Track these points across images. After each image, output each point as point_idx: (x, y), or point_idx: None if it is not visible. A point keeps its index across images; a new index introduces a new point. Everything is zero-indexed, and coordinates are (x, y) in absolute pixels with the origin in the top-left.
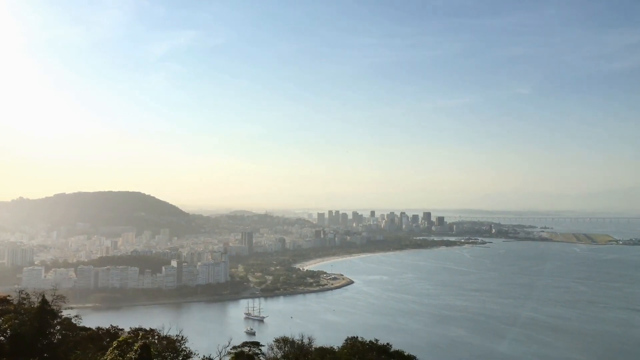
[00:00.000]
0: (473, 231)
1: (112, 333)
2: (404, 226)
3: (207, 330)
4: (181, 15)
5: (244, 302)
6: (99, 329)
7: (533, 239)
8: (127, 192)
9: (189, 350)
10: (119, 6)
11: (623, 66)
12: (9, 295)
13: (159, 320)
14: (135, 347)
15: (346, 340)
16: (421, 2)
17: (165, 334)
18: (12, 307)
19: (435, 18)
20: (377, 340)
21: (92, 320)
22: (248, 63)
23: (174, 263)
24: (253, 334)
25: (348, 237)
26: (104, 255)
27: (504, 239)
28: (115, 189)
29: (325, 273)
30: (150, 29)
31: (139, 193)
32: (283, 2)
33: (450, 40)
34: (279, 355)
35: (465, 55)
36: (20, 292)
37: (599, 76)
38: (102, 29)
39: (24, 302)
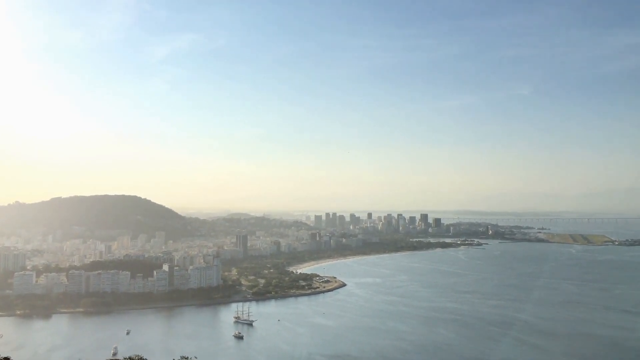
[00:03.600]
0: (470, 232)
1: None
2: (400, 228)
3: (196, 333)
4: (181, 18)
5: (235, 306)
6: None
7: (529, 240)
8: (124, 196)
9: None
10: (120, 10)
11: (622, 67)
12: None
13: (147, 324)
14: None
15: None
16: (420, 4)
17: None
18: None
19: (434, 20)
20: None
21: (84, 324)
22: (247, 66)
23: (165, 267)
24: (241, 337)
25: (344, 240)
26: (97, 259)
27: (500, 240)
28: (111, 193)
29: (318, 276)
30: (151, 32)
31: (135, 197)
32: (282, 5)
33: (449, 42)
34: None
35: (465, 57)
36: None
37: (598, 77)
38: (103, 33)
39: None
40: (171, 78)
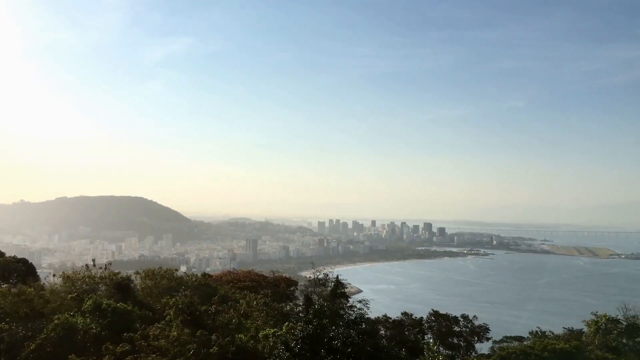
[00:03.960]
0: (474, 242)
1: None
2: (404, 236)
3: None
4: (176, 21)
5: None
6: None
7: (535, 252)
8: (130, 197)
9: None
10: (114, 11)
11: (618, 81)
12: None
13: None
14: None
15: None
16: (416, 14)
17: None
18: None
19: (430, 29)
20: None
21: None
22: (244, 71)
23: (183, 269)
24: None
25: (351, 246)
26: (109, 259)
27: (505, 251)
28: (117, 194)
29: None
30: (145, 34)
31: (141, 198)
32: (279, 11)
33: (444, 52)
34: None
35: (460, 67)
36: None
37: (594, 90)
38: (97, 33)
39: None
40: (167, 81)
